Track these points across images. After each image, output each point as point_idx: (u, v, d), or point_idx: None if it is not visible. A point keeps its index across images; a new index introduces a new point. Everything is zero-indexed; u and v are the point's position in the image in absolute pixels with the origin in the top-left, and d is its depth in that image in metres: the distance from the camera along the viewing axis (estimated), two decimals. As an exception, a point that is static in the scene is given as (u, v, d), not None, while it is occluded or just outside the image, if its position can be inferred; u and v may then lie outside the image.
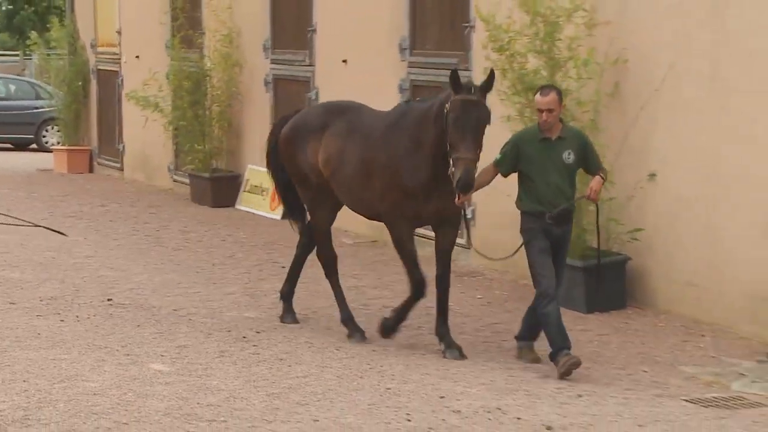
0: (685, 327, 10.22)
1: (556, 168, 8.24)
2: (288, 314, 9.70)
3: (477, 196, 10.05)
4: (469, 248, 11.86)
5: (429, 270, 9.10)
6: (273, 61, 15.96)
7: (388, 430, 7.31)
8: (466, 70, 11.72)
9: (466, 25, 12.48)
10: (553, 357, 8.36)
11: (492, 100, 9.01)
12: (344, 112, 9.23)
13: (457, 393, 8.13)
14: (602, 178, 8.40)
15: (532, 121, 10.11)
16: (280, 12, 15.86)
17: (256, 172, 15.65)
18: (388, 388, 8.24)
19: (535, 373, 8.77)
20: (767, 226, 9.84)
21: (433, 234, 9.31)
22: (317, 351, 8.95)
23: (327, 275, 9.50)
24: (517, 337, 8.74)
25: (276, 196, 10.26)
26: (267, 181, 12.92)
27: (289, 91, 15.73)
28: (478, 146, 8.08)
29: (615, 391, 8.29)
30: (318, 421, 7.47)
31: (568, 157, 8.26)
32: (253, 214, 15.97)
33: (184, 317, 9.99)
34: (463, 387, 8.30)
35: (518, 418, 7.59)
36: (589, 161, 8.41)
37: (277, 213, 14.47)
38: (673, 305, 10.71)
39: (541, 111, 8.18)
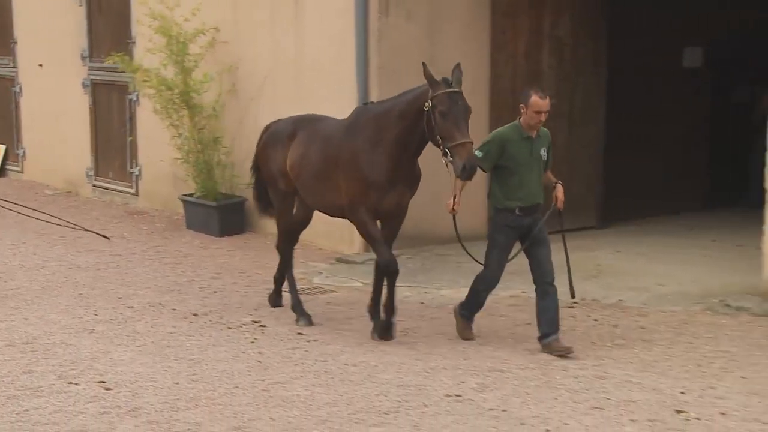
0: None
1: (536, 165, 7.66)
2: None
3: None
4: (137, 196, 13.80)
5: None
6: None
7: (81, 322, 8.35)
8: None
9: (129, 41, 13.63)
10: (461, 312, 7.99)
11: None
12: (310, 121, 8.61)
13: (131, 294, 9.33)
14: (562, 185, 7.87)
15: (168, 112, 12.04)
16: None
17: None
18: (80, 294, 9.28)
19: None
20: None
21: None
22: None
23: (283, 268, 8.89)
24: (541, 337, 7.64)
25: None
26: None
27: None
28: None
29: (239, 287, 9.72)
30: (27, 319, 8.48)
31: (543, 154, 7.73)
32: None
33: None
34: (134, 290, 9.47)
35: (174, 309, 8.84)
36: (548, 159, 7.87)
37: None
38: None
39: (539, 113, 7.47)
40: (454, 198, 7.64)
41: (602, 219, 12.49)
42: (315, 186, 8.29)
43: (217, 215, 12.28)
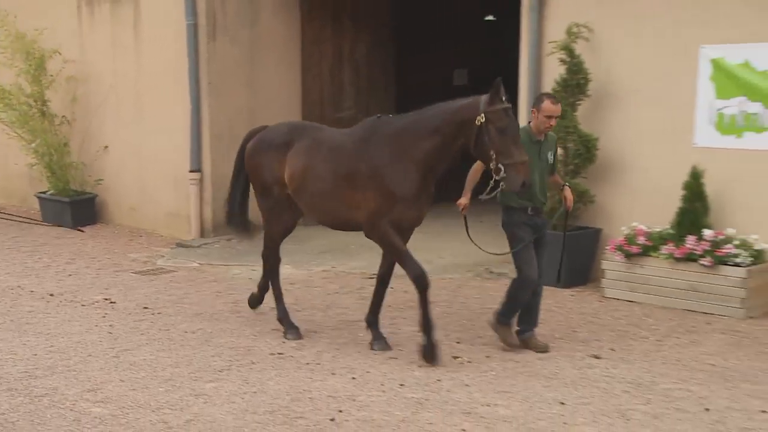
0: (131, 233, 11.37)
1: (543, 167, 6.61)
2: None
3: None
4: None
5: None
6: None
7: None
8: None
9: None
10: (499, 320, 6.70)
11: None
12: (307, 130, 6.99)
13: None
14: (569, 187, 6.92)
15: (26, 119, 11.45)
16: None
17: None
18: None
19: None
20: (173, 178, 11.08)
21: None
22: None
23: (269, 276, 7.36)
24: (520, 331, 6.70)
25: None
26: None
27: None
28: None
29: (91, 270, 9.25)
30: None
31: (549, 157, 6.71)
32: None
33: None
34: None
35: (32, 291, 8.53)
36: (555, 162, 6.92)
37: None
38: (123, 221, 11.84)
39: (550, 117, 6.46)
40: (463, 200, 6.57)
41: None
42: (320, 198, 6.68)
43: (70, 209, 11.79)
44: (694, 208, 7.84)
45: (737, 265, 7.53)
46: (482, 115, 5.98)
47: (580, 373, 6.12)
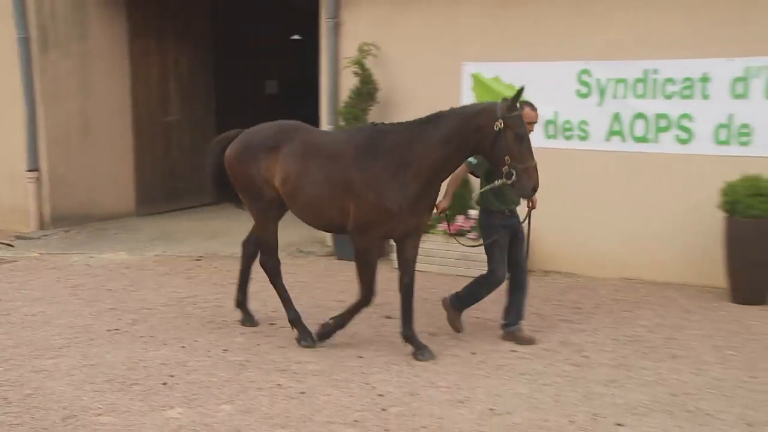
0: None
1: None
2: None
3: None
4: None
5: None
6: None
7: None
8: None
9: None
10: (453, 303, 6.16)
11: None
12: (297, 132, 5.86)
13: None
14: None
15: None
16: None
17: None
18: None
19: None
20: (10, 176, 10.31)
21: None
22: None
23: (273, 282, 6.19)
24: (506, 324, 6.04)
25: None
26: None
27: None
28: None
29: None
30: None
31: None
32: None
33: None
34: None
35: None
36: None
37: None
38: None
39: (530, 123, 5.70)
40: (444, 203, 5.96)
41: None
42: (313, 203, 5.69)
43: None
44: (462, 193, 8.18)
45: (497, 238, 7.91)
46: (500, 121, 5.18)
47: (375, 331, 6.26)
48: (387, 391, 5.02)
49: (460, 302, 6.16)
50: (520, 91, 5.26)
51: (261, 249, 6.15)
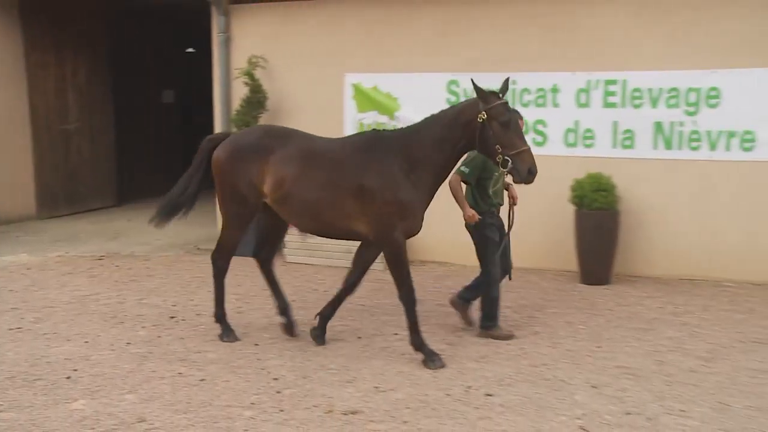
0: None
1: (501, 176, 5.57)
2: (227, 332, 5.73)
3: None
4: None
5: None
6: None
7: None
8: None
9: None
10: (485, 326, 5.77)
11: None
12: (290, 136, 5.39)
13: None
14: (513, 186, 5.71)
15: None
16: None
17: None
18: None
19: None
20: None
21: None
22: None
23: (215, 280, 5.71)
24: (483, 327, 5.76)
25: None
26: None
27: None
28: None
29: None
30: None
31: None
32: None
33: None
34: None
35: None
36: None
37: None
38: None
39: None
40: (471, 211, 5.57)
41: (119, 200, 12.13)
42: (310, 207, 5.19)
43: None
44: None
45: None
46: (483, 112, 4.88)
47: (269, 320, 6.17)
48: (281, 375, 4.98)
49: (489, 319, 5.75)
50: (506, 81, 5.00)
51: (218, 247, 5.63)
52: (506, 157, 4.84)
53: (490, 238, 5.61)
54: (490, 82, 7.86)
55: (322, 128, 8.60)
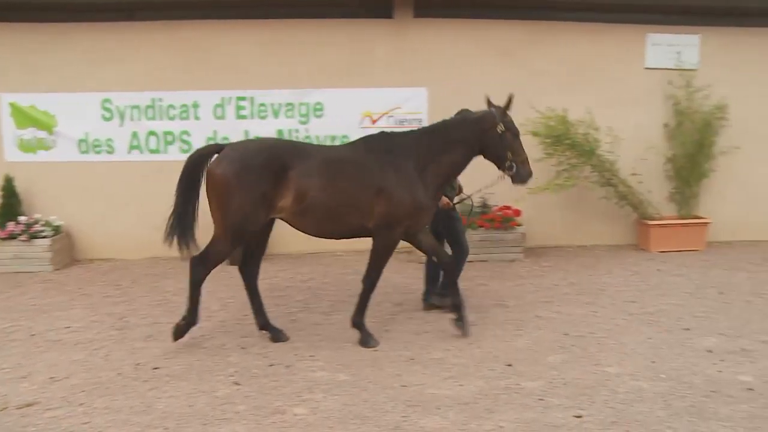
0: None
1: None
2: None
3: None
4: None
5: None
6: None
7: None
8: None
9: None
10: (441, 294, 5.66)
11: None
12: (302, 150, 4.82)
13: None
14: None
15: None
16: None
17: None
18: None
19: None
20: None
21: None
22: None
23: (191, 285, 4.87)
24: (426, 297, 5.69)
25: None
26: None
27: None
28: None
29: None
30: None
31: None
32: None
33: None
34: None
35: None
36: None
37: None
38: None
39: None
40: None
41: None
42: (334, 213, 4.83)
43: None
44: (12, 202, 7.70)
45: (45, 236, 7.62)
46: (501, 124, 5.02)
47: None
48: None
49: (444, 292, 5.70)
50: (511, 97, 5.06)
51: (205, 255, 4.90)
52: (513, 163, 5.03)
53: (458, 221, 5.69)
54: (139, 101, 8.00)
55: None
